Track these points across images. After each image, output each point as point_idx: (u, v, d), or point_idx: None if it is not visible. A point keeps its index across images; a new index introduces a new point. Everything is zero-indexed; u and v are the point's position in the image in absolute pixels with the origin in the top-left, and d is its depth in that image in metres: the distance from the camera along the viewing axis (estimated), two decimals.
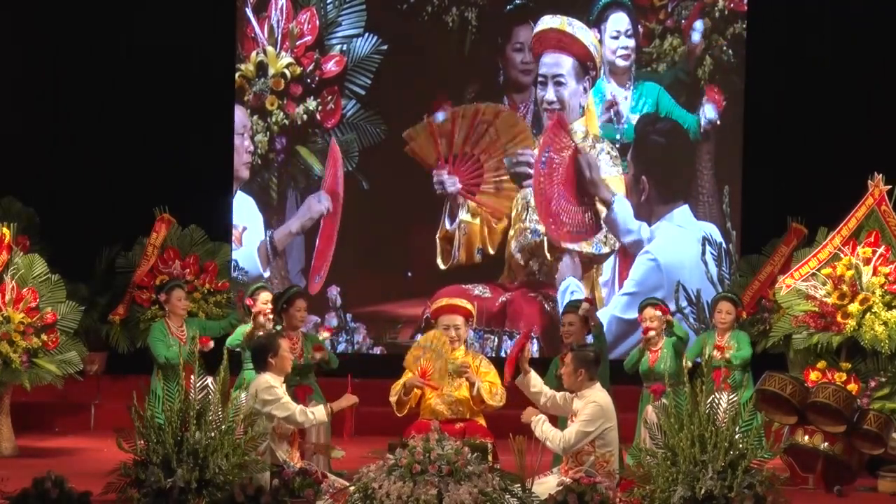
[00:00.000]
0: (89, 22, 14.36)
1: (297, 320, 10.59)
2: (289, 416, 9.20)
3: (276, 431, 9.17)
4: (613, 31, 14.06)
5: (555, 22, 14.14)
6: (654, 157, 14.04)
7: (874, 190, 11.36)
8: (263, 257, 14.32)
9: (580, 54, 14.10)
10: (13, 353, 11.37)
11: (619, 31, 14.04)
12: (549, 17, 14.14)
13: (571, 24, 14.08)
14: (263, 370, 9.28)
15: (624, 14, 14.05)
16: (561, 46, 14.15)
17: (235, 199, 14.33)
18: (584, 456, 9.05)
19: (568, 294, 13.80)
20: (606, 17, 14.08)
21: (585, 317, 10.56)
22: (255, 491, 8.32)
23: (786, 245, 12.81)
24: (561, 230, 14.05)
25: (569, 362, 9.26)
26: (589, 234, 14.03)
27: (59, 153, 14.41)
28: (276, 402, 9.15)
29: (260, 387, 9.16)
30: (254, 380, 9.32)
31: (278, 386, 9.23)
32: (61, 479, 8.42)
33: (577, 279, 13.99)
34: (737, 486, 8.10)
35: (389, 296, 14.27)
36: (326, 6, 14.36)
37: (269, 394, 9.14)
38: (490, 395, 10.21)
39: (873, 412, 10.41)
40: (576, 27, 14.08)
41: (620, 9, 14.06)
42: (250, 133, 14.34)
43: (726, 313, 11.02)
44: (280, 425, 9.20)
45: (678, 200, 14.02)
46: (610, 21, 14.07)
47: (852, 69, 13.66)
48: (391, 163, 14.19)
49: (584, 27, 14.07)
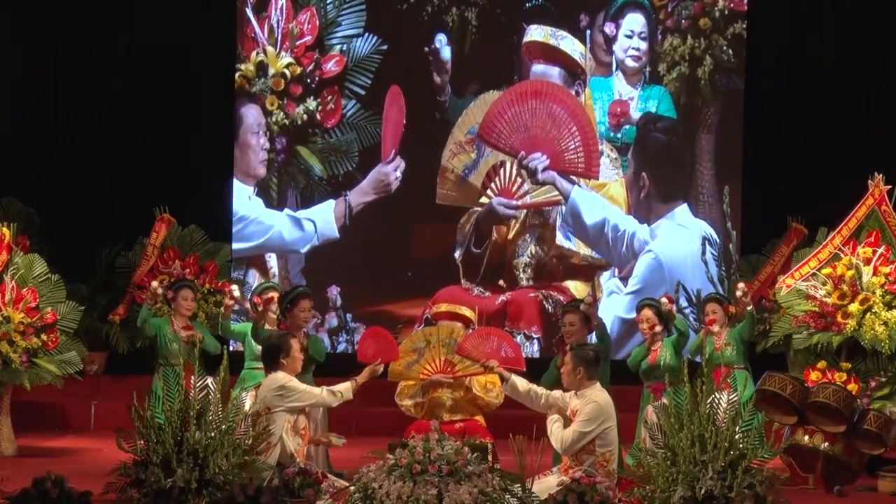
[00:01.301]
0: (89, 22, 14.36)
1: (301, 320, 10.59)
2: (317, 401, 9.36)
3: (290, 424, 9.23)
4: (628, 31, 14.06)
5: (539, 35, 14.14)
6: (654, 156, 14.05)
7: (874, 190, 11.35)
8: (340, 221, 14.31)
9: (566, 64, 14.11)
10: (13, 353, 11.37)
11: (633, 32, 14.04)
12: (535, 29, 14.13)
13: (555, 35, 14.09)
14: (275, 370, 9.33)
15: (641, 15, 14.04)
16: (547, 57, 14.16)
17: (252, 197, 14.36)
18: (584, 455, 9.05)
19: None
20: (624, 14, 14.07)
21: (586, 317, 10.55)
22: (255, 491, 8.32)
23: (786, 245, 12.81)
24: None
25: (568, 361, 9.25)
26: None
27: (59, 153, 14.40)
28: (298, 394, 9.24)
29: (276, 384, 9.23)
30: (266, 378, 9.38)
31: (292, 379, 9.31)
32: (61, 479, 8.41)
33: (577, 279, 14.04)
34: (737, 486, 8.09)
35: (389, 296, 14.28)
36: (326, 6, 14.37)
37: (288, 388, 9.22)
38: (484, 390, 10.20)
39: (873, 412, 10.41)
40: (560, 38, 14.08)
41: (639, 10, 14.05)
42: (264, 130, 14.35)
43: (712, 313, 11.02)
44: (297, 420, 9.25)
45: (678, 200, 14.03)
46: (626, 20, 14.06)
47: (852, 69, 13.66)
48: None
49: (569, 36, 14.07)
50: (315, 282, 13.92)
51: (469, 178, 14.25)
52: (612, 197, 14.11)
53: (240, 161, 14.38)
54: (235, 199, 14.36)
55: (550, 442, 9.06)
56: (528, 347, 13.91)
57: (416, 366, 10.22)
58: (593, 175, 14.06)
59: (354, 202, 14.30)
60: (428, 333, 10.34)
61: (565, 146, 14.05)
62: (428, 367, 10.20)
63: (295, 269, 14.39)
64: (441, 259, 14.25)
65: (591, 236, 14.11)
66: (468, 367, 10.05)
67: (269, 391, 9.23)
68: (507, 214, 14.21)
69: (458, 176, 14.24)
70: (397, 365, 10.22)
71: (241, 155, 14.38)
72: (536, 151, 14.07)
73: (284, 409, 9.18)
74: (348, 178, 14.34)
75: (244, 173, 14.38)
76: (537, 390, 9.40)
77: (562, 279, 14.16)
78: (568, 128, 14.04)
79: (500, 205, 14.19)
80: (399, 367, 10.23)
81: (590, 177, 14.06)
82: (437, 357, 10.18)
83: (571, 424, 9.08)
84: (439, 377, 10.16)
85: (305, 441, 9.43)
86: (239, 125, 14.37)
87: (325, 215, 14.31)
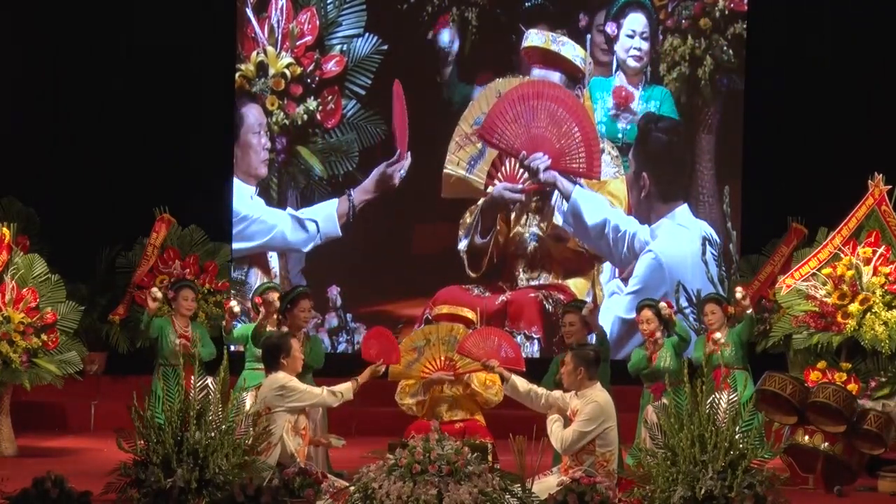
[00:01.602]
0: (89, 22, 14.36)
1: (300, 320, 10.59)
2: (317, 401, 9.36)
3: (290, 424, 9.23)
4: (629, 30, 14.05)
5: (539, 40, 14.13)
6: (655, 155, 14.05)
7: (874, 190, 11.35)
8: (343, 219, 14.32)
9: (567, 69, 14.10)
10: (13, 353, 11.37)
11: (635, 32, 14.03)
12: (535, 34, 14.12)
13: (556, 40, 14.08)
14: (275, 370, 9.33)
15: (642, 15, 14.03)
16: (547, 62, 14.15)
17: (253, 197, 14.36)
18: (584, 455, 9.04)
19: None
20: (626, 15, 14.06)
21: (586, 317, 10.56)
22: (255, 491, 8.31)
23: (786, 245, 12.81)
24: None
25: (568, 361, 9.24)
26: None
27: (59, 153, 14.40)
28: (299, 394, 9.24)
29: (276, 384, 9.23)
30: (266, 378, 9.37)
31: (293, 379, 9.30)
32: (61, 479, 8.41)
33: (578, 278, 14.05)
34: (737, 486, 8.09)
35: (390, 295, 14.27)
36: (326, 6, 14.37)
37: (289, 388, 9.22)
38: (483, 386, 10.20)
39: (873, 412, 10.40)
40: (559, 43, 14.08)
41: (640, 10, 14.04)
42: (265, 129, 14.35)
43: (711, 314, 11.02)
44: (297, 420, 9.25)
45: (679, 200, 14.02)
46: (628, 20, 14.05)
47: (852, 69, 13.66)
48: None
49: (569, 41, 14.06)
50: (315, 281, 13.92)
51: (475, 169, 14.22)
52: (613, 194, 14.11)
53: (241, 161, 14.38)
54: (237, 199, 14.36)
55: (550, 442, 9.06)
56: (528, 347, 13.91)
57: (416, 364, 10.23)
58: (594, 175, 14.06)
59: (357, 200, 14.30)
60: (428, 332, 10.36)
61: (566, 146, 14.05)
62: (428, 365, 10.21)
63: (295, 269, 14.39)
64: (443, 256, 14.24)
65: (593, 236, 14.10)
66: (468, 365, 10.06)
67: (270, 391, 9.23)
68: (511, 199, 14.19)
69: (465, 167, 14.22)
70: (397, 364, 10.23)
71: (243, 154, 14.39)
72: (538, 151, 14.07)
73: (285, 409, 9.19)
74: (348, 177, 14.33)
75: (245, 173, 14.38)
76: (537, 390, 9.40)
77: (563, 276, 14.15)
78: (569, 128, 14.04)
79: (506, 189, 14.18)
80: (399, 366, 10.23)
81: (591, 177, 14.06)
82: (438, 355, 10.20)
83: (571, 424, 9.08)
84: (440, 375, 10.18)
85: (306, 441, 9.43)
86: (240, 125, 14.37)
87: (328, 211, 14.30)
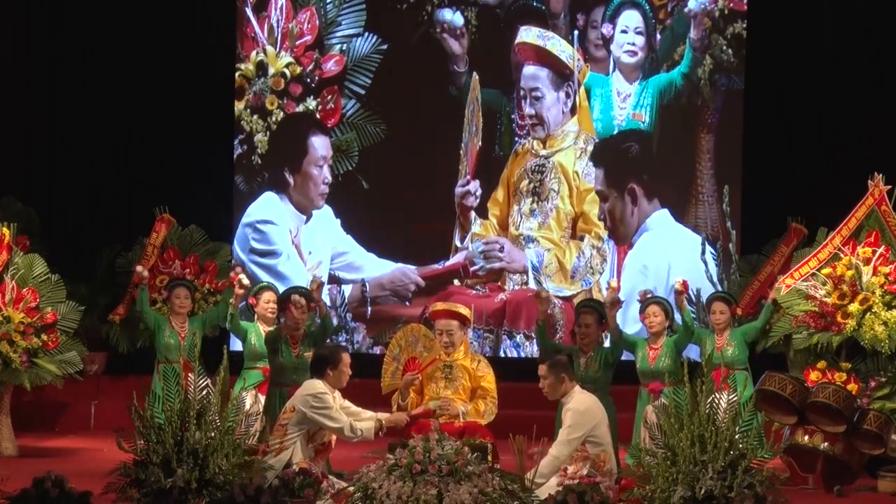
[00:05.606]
0: (89, 22, 14.36)
1: (293, 319, 10.62)
2: (336, 427, 9.33)
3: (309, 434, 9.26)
4: (623, 26, 14.04)
5: (528, 36, 14.13)
6: (654, 154, 14.03)
7: (874, 190, 11.36)
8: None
9: (556, 66, 14.09)
10: (13, 353, 11.37)
11: (629, 27, 14.03)
12: (525, 30, 14.12)
13: (543, 36, 14.07)
14: (320, 378, 9.38)
15: (637, 13, 14.02)
16: (537, 59, 14.15)
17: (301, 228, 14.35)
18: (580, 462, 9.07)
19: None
20: (620, 13, 14.06)
21: (601, 316, 10.62)
22: (255, 491, 8.32)
23: (786, 245, 12.79)
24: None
25: (546, 374, 9.23)
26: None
27: (59, 153, 14.41)
28: (326, 410, 9.28)
29: (313, 390, 9.29)
30: (307, 381, 9.44)
31: (329, 394, 9.33)
32: (61, 479, 8.41)
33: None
34: (737, 486, 8.09)
35: (390, 295, 14.26)
36: (326, 6, 14.37)
37: (320, 400, 9.27)
38: (480, 416, 10.46)
39: (873, 412, 10.40)
40: (548, 40, 14.06)
41: (635, 7, 14.03)
42: (329, 163, 14.23)
43: (720, 313, 11.06)
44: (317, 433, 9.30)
45: (678, 200, 14.01)
46: (622, 17, 14.04)
47: (852, 69, 13.65)
48: (391, 162, 14.20)
49: (556, 37, 14.05)
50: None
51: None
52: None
53: (297, 187, 14.28)
54: (279, 222, 14.28)
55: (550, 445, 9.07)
56: (527, 347, 13.91)
57: (397, 373, 10.72)
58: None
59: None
60: (398, 339, 10.88)
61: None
62: (402, 370, 10.70)
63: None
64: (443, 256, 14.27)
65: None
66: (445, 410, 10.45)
67: (304, 394, 9.31)
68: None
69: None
70: (386, 377, 10.75)
71: (301, 183, 14.28)
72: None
73: (307, 415, 9.22)
74: (348, 177, 14.33)
75: (299, 202, 14.27)
76: (556, 465, 9.08)
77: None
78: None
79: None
80: (387, 379, 10.75)
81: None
82: (404, 358, 10.71)
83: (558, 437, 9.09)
84: (407, 378, 10.56)
85: (318, 460, 9.42)
86: (305, 153, 14.27)
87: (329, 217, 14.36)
